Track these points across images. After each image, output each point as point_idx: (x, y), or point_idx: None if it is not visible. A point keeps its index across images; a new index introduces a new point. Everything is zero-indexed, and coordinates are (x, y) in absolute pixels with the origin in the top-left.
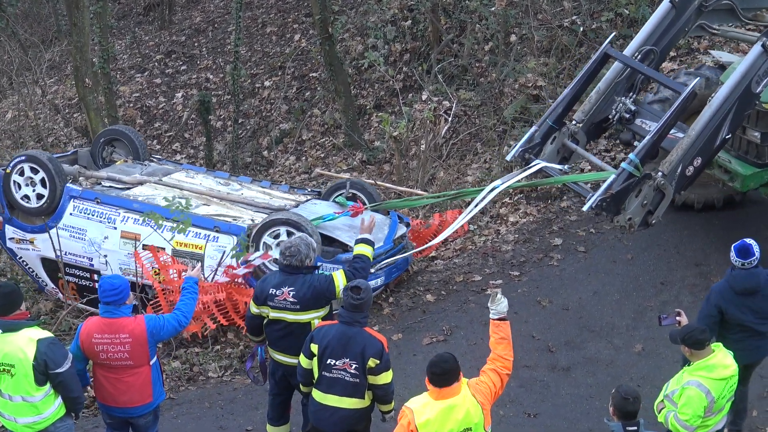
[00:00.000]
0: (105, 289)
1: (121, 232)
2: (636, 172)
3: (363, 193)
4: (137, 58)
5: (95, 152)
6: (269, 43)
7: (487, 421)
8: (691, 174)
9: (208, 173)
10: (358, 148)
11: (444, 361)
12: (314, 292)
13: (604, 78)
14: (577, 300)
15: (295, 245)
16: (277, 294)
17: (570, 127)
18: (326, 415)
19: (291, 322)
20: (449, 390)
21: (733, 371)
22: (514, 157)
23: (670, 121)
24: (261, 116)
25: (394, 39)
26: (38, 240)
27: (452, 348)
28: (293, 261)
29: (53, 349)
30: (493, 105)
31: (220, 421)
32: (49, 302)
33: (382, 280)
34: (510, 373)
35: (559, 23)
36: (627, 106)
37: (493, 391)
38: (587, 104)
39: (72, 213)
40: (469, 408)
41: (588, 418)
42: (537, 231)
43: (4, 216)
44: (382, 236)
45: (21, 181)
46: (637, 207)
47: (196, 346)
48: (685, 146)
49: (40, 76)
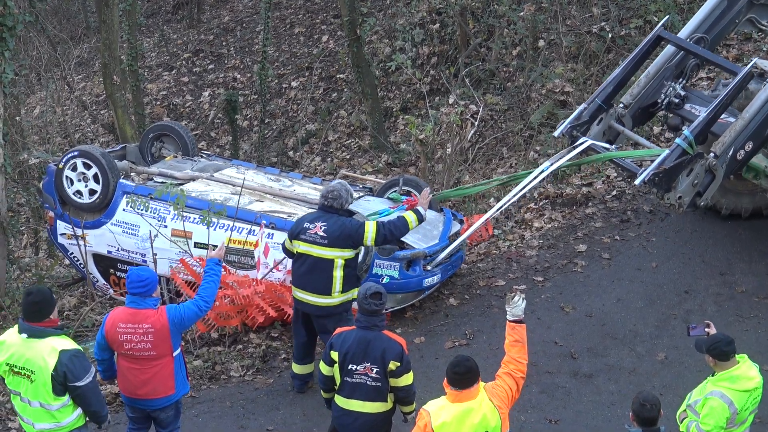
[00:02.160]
0: (132, 280)
1: (171, 230)
2: (689, 149)
3: (416, 189)
4: (165, 56)
5: (144, 148)
6: (297, 43)
7: (505, 425)
8: (742, 158)
9: (259, 169)
10: (383, 150)
11: (466, 361)
12: (343, 231)
13: (654, 62)
14: (600, 307)
15: (337, 189)
16: (310, 228)
17: (617, 110)
18: (349, 420)
19: (316, 257)
20: (467, 393)
21: (757, 383)
22: (563, 133)
23: (725, 100)
24: (287, 116)
25: (422, 42)
26: (90, 235)
27: (474, 352)
28: (334, 203)
29: (75, 362)
30: (519, 110)
31: (241, 421)
32: (73, 298)
33: (438, 277)
34: (524, 377)
35: (587, 29)
36: (677, 91)
37: (509, 395)
38: (636, 88)
39: (125, 209)
40: (486, 412)
41: (609, 426)
42: (561, 237)
43: (56, 212)
44: (437, 233)
45: (73, 176)
46: (688, 186)
47: (219, 345)
48: (738, 128)
49: (69, 72)
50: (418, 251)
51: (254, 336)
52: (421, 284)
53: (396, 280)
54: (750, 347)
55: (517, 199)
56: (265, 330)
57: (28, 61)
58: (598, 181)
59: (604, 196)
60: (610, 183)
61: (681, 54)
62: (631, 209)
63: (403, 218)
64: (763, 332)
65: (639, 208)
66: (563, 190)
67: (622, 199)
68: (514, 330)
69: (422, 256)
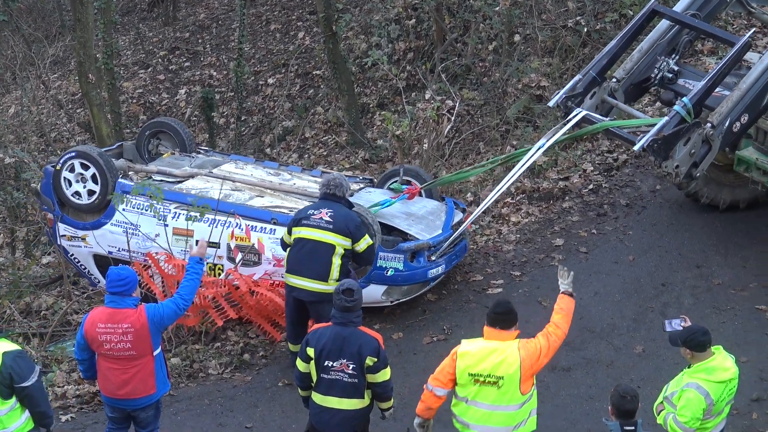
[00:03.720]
0: (112, 279)
1: (173, 229)
2: (688, 117)
3: (416, 179)
4: (141, 54)
5: (140, 145)
6: (273, 40)
7: (525, 384)
8: (738, 130)
9: (258, 163)
10: (360, 146)
11: (507, 303)
12: (347, 221)
13: (648, 38)
14: (578, 301)
15: (338, 178)
16: (314, 213)
17: (610, 84)
18: (327, 417)
19: (318, 240)
20: (501, 334)
21: (733, 374)
22: (557, 103)
23: (723, 69)
24: (264, 113)
25: (398, 38)
26: (90, 236)
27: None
28: (336, 191)
29: (19, 363)
30: (496, 105)
31: (219, 419)
32: (50, 297)
33: (442, 268)
34: (560, 343)
35: (563, 23)
36: (670, 66)
37: (539, 354)
38: (629, 62)
39: (125, 209)
40: (508, 357)
41: (588, 419)
42: (539, 231)
43: (56, 213)
44: (440, 223)
45: (71, 177)
46: (685, 155)
47: (197, 343)
48: (735, 99)
49: (44, 71)
50: (422, 242)
51: (232, 333)
52: (426, 275)
53: (401, 272)
54: (727, 339)
55: (516, 178)
56: (242, 327)
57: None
58: (574, 175)
59: (581, 190)
60: (587, 177)
61: (674, 29)
62: (607, 203)
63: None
64: (740, 324)
65: (616, 202)
66: (540, 185)
67: (598, 193)
68: (562, 300)
69: (426, 248)
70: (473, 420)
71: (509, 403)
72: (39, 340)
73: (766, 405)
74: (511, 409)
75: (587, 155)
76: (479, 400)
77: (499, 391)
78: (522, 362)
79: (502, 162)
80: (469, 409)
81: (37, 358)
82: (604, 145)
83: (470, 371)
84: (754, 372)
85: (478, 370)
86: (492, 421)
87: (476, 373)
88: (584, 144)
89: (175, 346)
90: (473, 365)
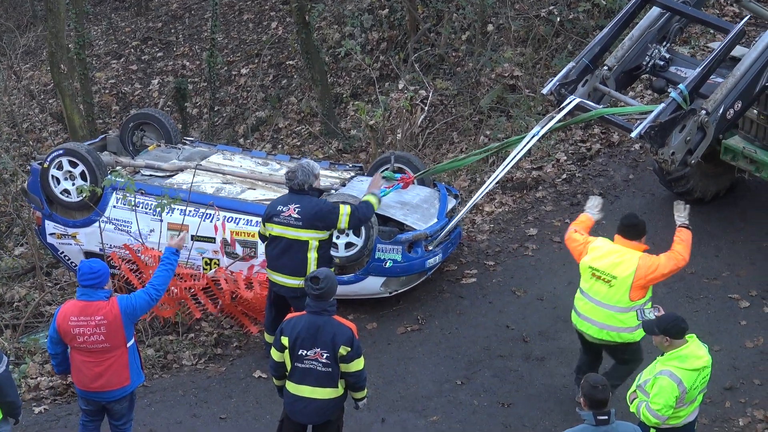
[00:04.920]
0: (84, 273)
1: (168, 224)
2: (684, 103)
3: (408, 166)
4: (113, 45)
5: (125, 137)
6: (246, 30)
7: (636, 291)
8: (731, 117)
9: (245, 153)
10: (334, 136)
11: (635, 217)
12: (317, 213)
13: (638, 25)
14: (551, 290)
15: (292, 170)
16: (284, 210)
17: (602, 72)
18: (301, 406)
19: (291, 238)
20: (627, 242)
21: (705, 362)
22: (551, 90)
23: (718, 56)
24: (237, 104)
25: (371, 27)
26: (81, 234)
27: (426, 337)
28: (293, 185)
29: None
30: (469, 94)
31: (193, 410)
32: (23, 288)
33: (440, 257)
34: (679, 266)
35: (536, 13)
36: (661, 53)
37: (655, 266)
38: (620, 50)
39: (116, 205)
40: (626, 261)
41: (562, 408)
42: (512, 221)
43: (44, 212)
44: (434, 212)
45: (59, 175)
46: (681, 143)
47: (171, 334)
48: (729, 86)
49: (15, 61)
50: (420, 233)
51: (206, 324)
52: (424, 265)
53: (399, 264)
54: (700, 327)
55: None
56: (216, 318)
57: None
58: (548, 164)
59: (554, 180)
60: (560, 167)
61: (665, 17)
62: (581, 192)
63: (368, 202)
64: (713, 313)
65: (589, 191)
66: (513, 174)
67: (572, 183)
68: (682, 232)
69: (424, 238)
70: (582, 310)
71: (616, 304)
72: (12, 331)
73: (739, 393)
74: (616, 310)
75: (560, 145)
76: (590, 293)
77: (609, 290)
78: (637, 269)
79: (496, 150)
80: (582, 300)
81: (10, 350)
82: (577, 135)
83: (591, 264)
84: (726, 360)
85: (598, 266)
86: (597, 316)
87: (596, 268)
88: (557, 134)
89: (149, 336)
90: (595, 260)
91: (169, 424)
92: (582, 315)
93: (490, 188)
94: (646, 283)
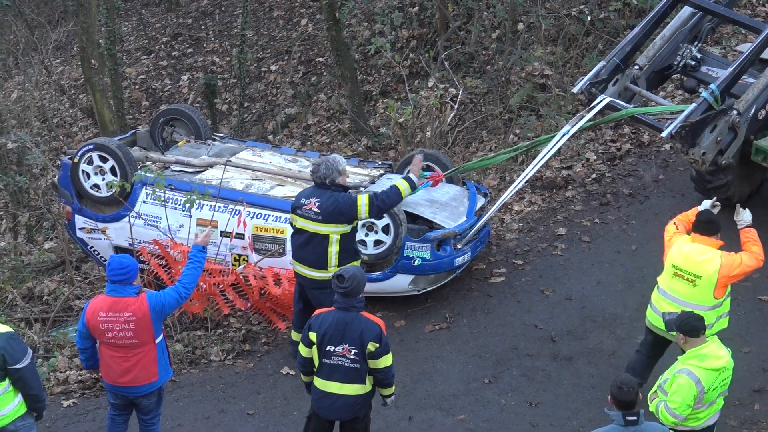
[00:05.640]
0: (113, 268)
1: (197, 219)
2: (715, 103)
3: (437, 164)
4: (143, 40)
5: (155, 133)
6: (276, 27)
7: (720, 290)
8: (763, 118)
9: (275, 150)
10: (363, 133)
11: (710, 214)
12: (336, 207)
13: (670, 25)
14: (580, 290)
15: (318, 164)
16: (305, 204)
17: (632, 71)
18: (328, 402)
19: (312, 232)
20: (704, 239)
21: (725, 363)
22: (582, 89)
23: (750, 56)
24: (267, 100)
25: (401, 25)
26: (110, 229)
27: (454, 336)
28: (317, 179)
29: (12, 344)
30: (499, 93)
31: (221, 405)
32: (52, 282)
33: (468, 255)
34: (756, 265)
35: (567, 12)
36: (693, 53)
37: (737, 264)
38: (651, 50)
39: (145, 201)
40: (707, 259)
41: (590, 408)
42: (541, 220)
43: (74, 206)
44: (463, 210)
45: (90, 170)
46: (712, 143)
47: (199, 329)
48: (761, 86)
49: (47, 56)
50: (449, 231)
51: (234, 320)
52: (453, 264)
53: (428, 262)
54: (729, 329)
55: (542, 165)
56: (245, 314)
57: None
58: (577, 164)
59: (584, 179)
60: (590, 166)
61: (696, 17)
62: (610, 192)
63: (396, 187)
64: (743, 314)
65: (618, 191)
66: (543, 173)
67: (601, 182)
68: (747, 233)
69: (453, 236)
70: (664, 309)
71: (701, 303)
72: (41, 325)
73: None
74: (702, 308)
75: (590, 144)
76: (672, 293)
77: (693, 290)
78: (721, 267)
79: (526, 149)
80: (662, 299)
81: (39, 344)
82: (608, 135)
83: (674, 263)
84: (756, 362)
85: (682, 266)
86: None
87: (679, 267)
88: (587, 133)
89: (178, 332)
90: (679, 257)
91: (197, 419)
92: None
93: (519, 187)
94: (729, 280)
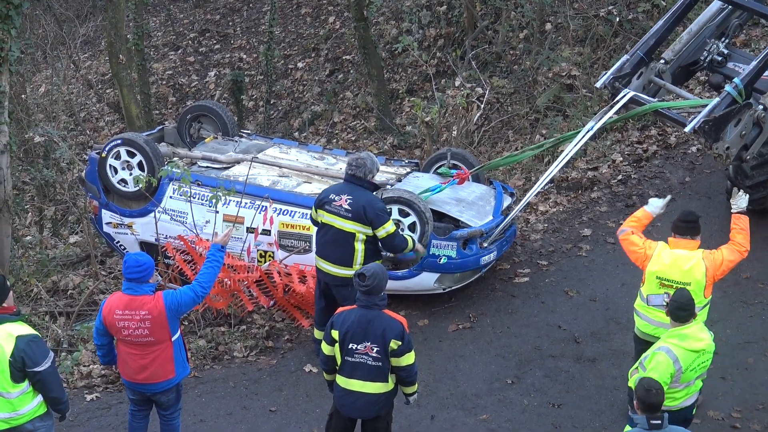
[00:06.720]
0: (129, 266)
1: (223, 215)
2: (739, 98)
3: (464, 163)
4: (171, 36)
5: (182, 129)
6: (303, 24)
7: (708, 289)
8: None
9: (302, 147)
10: (389, 132)
11: (692, 214)
12: (367, 209)
13: (697, 20)
14: (604, 291)
15: (362, 158)
16: (336, 200)
17: (658, 65)
18: (350, 400)
19: (338, 228)
20: (685, 242)
21: (706, 346)
22: (605, 84)
23: None
24: (293, 97)
25: (428, 24)
26: (137, 224)
27: (478, 335)
28: (358, 172)
29: (32, 347)
30: (526, 93)
31: (244, 401)
32: (77, 276)
33: (494, 254)
34: (740, 258)
35: (595, 13)
36: (720, 49)
37: (720, 263)
38: (678, 44)
39: (172, 196)
40: (693, 266)
41: (612, 410)
42: (566, 221)
43: (101, 201)
44: (490, 209)
45: (117, 165)
46: (736, 137)
47: (222, 326)
48: None
49: (75, 51)
50: (475, 230)
51: (258, 317)
52: (479, 262)
53: (454, 260)
54: (755, 333)
55: (567, 161)
56: (268, 311)
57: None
58: (603, 165)
59: (610, 181)
60: (616, 167)
61: (724, 12)
62: (636, 194)
63: (406, 239)
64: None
65: (644, 193)
66: (568, 174)
67: (627, 184)
68: (739, 219)
69: (479, 235)
70: (656, 318)
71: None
72: (65, 319)
73: None
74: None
75: (616, 145)
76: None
77: None
78: (707, 270)
79: (551, 145)
80: (651, 308)
81: (64, 337)
82: (634, 136)
83: (659, 275)
84: None
85: (668, 276)
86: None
87: (665, 278)
88: (613, 134)
89: (201, 328)
90: (663, 270)
91: (219, 414)
92: (655, 322)
93: (546, 182)
94: (717, 278)
